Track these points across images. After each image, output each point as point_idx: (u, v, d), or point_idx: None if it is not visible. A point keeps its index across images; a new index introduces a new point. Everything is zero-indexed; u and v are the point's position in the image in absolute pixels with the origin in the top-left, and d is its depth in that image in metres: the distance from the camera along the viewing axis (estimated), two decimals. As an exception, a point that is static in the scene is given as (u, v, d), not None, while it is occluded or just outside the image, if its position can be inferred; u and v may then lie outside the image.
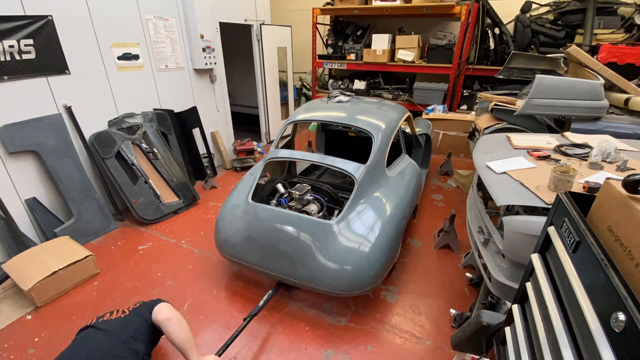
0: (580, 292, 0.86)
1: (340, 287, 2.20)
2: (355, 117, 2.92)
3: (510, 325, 1.33)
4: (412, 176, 3.03)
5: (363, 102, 3.40)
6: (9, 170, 2.84)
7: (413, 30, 5.87)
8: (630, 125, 2.71)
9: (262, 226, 2.42)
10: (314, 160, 2.71)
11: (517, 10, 5.16)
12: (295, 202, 2.60)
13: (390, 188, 2.66)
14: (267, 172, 3.11)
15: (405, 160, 3.16)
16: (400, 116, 3.15)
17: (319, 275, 2.22)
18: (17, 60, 2.76)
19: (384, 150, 2.73)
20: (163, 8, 3.92)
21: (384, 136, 2.76)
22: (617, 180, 0.97)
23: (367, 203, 2.45)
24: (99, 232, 3.38)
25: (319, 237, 2.26)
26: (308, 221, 2.33)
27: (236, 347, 2.19)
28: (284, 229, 2.34)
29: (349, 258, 2.20)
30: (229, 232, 2.55)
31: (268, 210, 2.45)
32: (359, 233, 2.29)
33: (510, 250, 1.64)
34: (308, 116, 3.06)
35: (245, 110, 6.92)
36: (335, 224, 2.29)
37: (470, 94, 5.57)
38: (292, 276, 2.31)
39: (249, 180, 2.80)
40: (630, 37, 4.39)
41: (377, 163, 2.64)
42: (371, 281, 2.24)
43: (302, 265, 2.26)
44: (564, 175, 1.60)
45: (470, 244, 2.33)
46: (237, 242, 2.49)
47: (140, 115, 3.82)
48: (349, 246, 2.24)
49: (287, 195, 2.74)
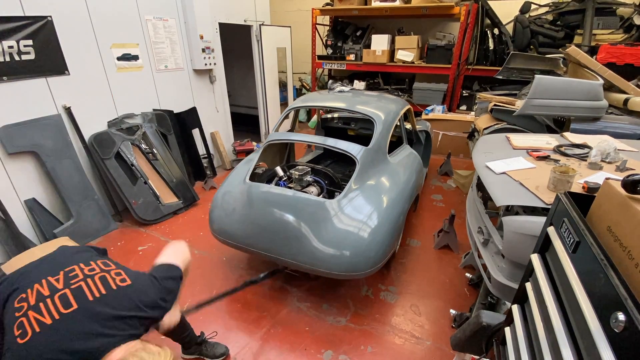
0: (580, 292, 0.86)
1: (339, 268, 2.15)
2: (356, 105, 2.92)
3: (510, 325, 1.33)
4: (414, 164, 3.03)
5: (363, 94, 3.40)
6: (8, 171, 2.83)
7: (412, 30, 5.88)
8: (629, 125, 2.72)
9: (258, 205, 2.35)
10: (314, 141, 2.67)
11: (517, 11, 5.16)
12: (295, 184, 2.55)
13: (392, 173, 2.65)
14: (266, 163, 3.06)
15: (407, 150, 3.16)
16: (401, 107, 3.15)
17: (318, 255, 2.16)
18: (16, 60, 2.76)
19: (385, 136, 2.71)
20: (162, 8, 3.92)
21: (385, 122, 2.75)
22: (616, 180, 0.97)
23: (369, 186, 2.42)
24: (99, 233, 3.38)
25: (318, 217, 2.20)
26: (308, 200, 2.26)
27: (236, 347, 2.19)
28: (282, 208, 2.27)
29: (348, 239, 2.15)
30: (225, 212, 2.49)
31: (265, 190, 2.38)
32: (360, 213, 2.23)
33: (510, 250, 1.64)
34: (309, 103, 3.06)
35: (245, 110, 6.92)
36: (337, 203, 2.24)
37: (470, 95, 5.58)
38: (289, 257, 2.25)
39: (247, 164, 2.76)
40: (629, 38, 4.40)
41: (379, 147, 2.63)
42: (371, 264, 2.19)
43: (300, 246, 2.21)
44: (563, 176, 1.60)
45: (469, 244, 2.33)
46: (232, 223, 2.43)
47: (140, 116, 3.82)
48: (348, 226, 2.18)
49: (286, 179, 2.67)
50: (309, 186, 2.56)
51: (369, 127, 2.66)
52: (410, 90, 6.03)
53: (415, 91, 5.85)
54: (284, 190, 2.36)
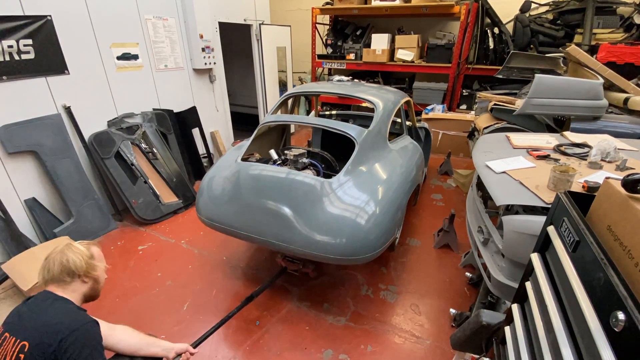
0: (580, 291, 0.87)
1: (337, 252, 2.06)
2: (355, 93, 2.90)
3: (510, 324, 1.33)
4: (414, 152, 3.00)
5: (363, 84, 3.39)
6: (8, 171, 2.83)
7: (412, 30, 5.87)
8: (629, 124, 2.72)
9: (250, 186, 2.24)
10: (313, 122, 2.60)
11: (517, 10, 5.16)
12: (290, 166, 2.47)
13: (392, 158, 2.61)
14: (260, 154, 2.99)
15: (407, 139, 3.14)
16: (400, 98, 3.14)
17: (314, 238, 2.07)
18: (16, 60, 2.75)
19: (386, 121, 2.68)
20: (162, 8, 3.92)
21: (385, 107, 2.72)
22: (616, 179, 0.97)
23: (368, 168, 2.36)
24: (99, 232, 3.38)
25: (314, 198, 2.12)
26: (303, 180, 2.17)
27: (235, 347, 2.19)
28: (275, 189, 2.18)
29: (346, 221, 2.06)
30: (214, 195, 2.39)
31: (258, 171, 2.27)
32: (359, 195, 2.16)
33: (510, 249, 1.64)
34: (308, 89, 3.04)
35: (245, 110, 6.91)
36: (335, 183, 2.15)
37: (470, 94, 5.57)
38: (284, 241, 2.15)
39: (238, 150, 2.70)
40: (629, 37, 4.39)
41: (379, 131, 2.59)
42: (370, 247, 2.10)
43: (295, 229, 2.11)
44: (563, 175, 1.60)
45: (469, 244, 2.33)
46: (222, 205, 2.33)
47: (140, 115, 3.82)
48: (346, 209, 2.09)
49: (280, 162, 2.58)
50: (305, 169, 2.48)
51: (368, 125, 2.64)
52: (410, 90, 6.02)
53: (415, 90, 5.85)
54: (277, 169, 2.26)
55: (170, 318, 2.41)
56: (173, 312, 2.47)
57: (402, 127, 3.30)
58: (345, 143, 4.42)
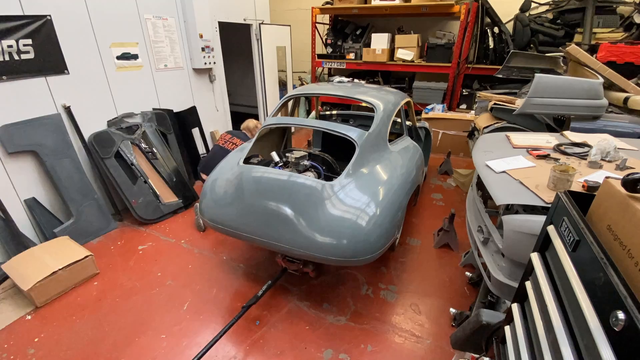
0: (580, 291, 0.87)
1: (337, 254, 2.07)
2: (356, 94, 2.91)
3: (510, 324, 1.33)
4: (414, 153, 3.01)
5: (363, 86, 3.39)
6: (8, 171, 2.83)
7: (412, 29, 5.88)
8: (629, 124, 2.72)
9: (253, 189, 2.27)
10: (314, 125, 2.61)
11: (517, 9, 5.16)
12: (291, 168, 2.50)
13: (393, 160, 2.63)
14: (262, 155, 3.01)
15: (407, 140, 3.15)
16: (400, 99, 3.14)
17: (315, 240, 2.09)
18: (15, 60, 2.75)
19: (386, 123, 2.70)
20: (162, 7, 3.92)
21: (385, 109, 2.74)
22: (616, 179, 0.97)
23: (368, 170, 2.38)
24: (99, 232, 3.38)
25: (315, 200, 2.14)
26: (304, 182, 2.19)
27: (235, 347, 2.19)
28: (277, 191, 2.20)
29: (347, 223, 2.08)
30: (217, 197, 2.42)
31: (260, 173, 2.30)
32: (359, 197, 2.17)
33: (510, 249, 1.64)
34: (308, 91, 3.04)
35: (245, 109, 6.92)
36: (335, 186, 2.18)
37: (470, 93, 5.57)
38: (285, 242, 2.18)
39: (240, 152, 2.72)
40: (629, 36, 4.39)
41: (379, 132, 2.60)
42: (371, 249, 2.12)
43: (296, 231, 2.13)
44: (563, 174, 1.60)
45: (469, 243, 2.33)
46: (223, 207, 2.35)
47: (140, 115, 3.82)
48: (347, 211, 2.12)
49: (282, 164, 2.61)
50: (306, 171, 2.50)
51: (368, 125, 2.64)
52: (410, 89, 6.03)
53: (415, 90, 5.84)
54: (279, 172, 2.29)
55: (171, 318, 2.42)
56: (173, 311, 2.47)
57: (402, 128, 3.30)
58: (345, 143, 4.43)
